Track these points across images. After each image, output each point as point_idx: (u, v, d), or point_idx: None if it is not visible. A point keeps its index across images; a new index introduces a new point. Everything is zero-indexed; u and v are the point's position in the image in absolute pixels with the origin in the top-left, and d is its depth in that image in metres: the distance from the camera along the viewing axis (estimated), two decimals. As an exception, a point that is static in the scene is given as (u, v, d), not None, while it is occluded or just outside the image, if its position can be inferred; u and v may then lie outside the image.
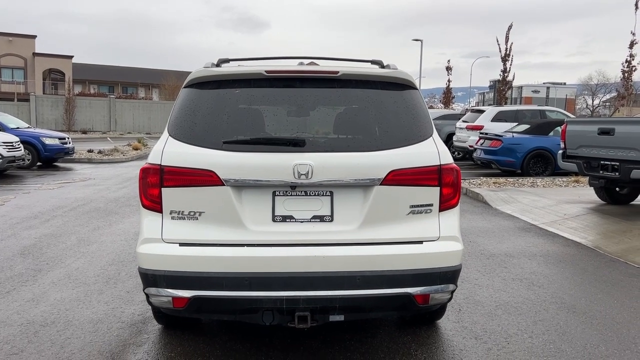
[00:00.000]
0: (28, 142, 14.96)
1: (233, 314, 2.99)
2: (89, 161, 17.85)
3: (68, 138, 16.78)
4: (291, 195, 2.90)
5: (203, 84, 3.09)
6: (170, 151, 2.90)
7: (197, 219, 2.87)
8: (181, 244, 2.87)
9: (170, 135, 2.99)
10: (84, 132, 37.19)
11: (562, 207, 8.72)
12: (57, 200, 9.46)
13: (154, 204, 2.92)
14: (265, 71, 3.02)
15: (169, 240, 2.88)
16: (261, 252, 2.83)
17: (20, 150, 13.50)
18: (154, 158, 2.92)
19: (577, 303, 4.39)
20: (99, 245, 6.23)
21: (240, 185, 2.85)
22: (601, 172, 7.83)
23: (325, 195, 2.91)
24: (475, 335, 3.71)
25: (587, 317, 4.09)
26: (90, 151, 19.57)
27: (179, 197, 2.88)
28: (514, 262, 5.65)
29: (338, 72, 3.04)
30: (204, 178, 2.84)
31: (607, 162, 7.66)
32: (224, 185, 2.83)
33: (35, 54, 47.39)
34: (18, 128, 15.87)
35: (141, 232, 2.96)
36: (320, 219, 2.90)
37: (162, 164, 2.88)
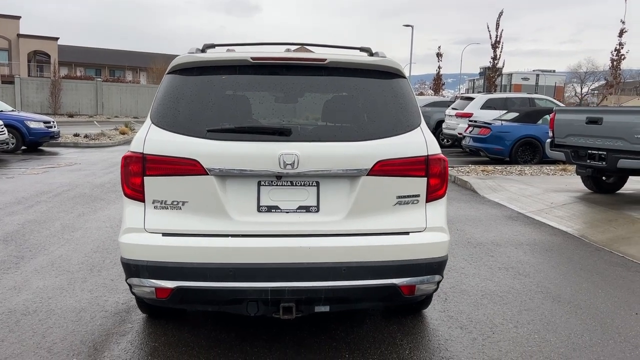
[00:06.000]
0: (12, 126, 14.71)
1: (217, 305, 2.96)
2: (75, 145, 17.61)
3: (53, 122, 16.54)
4: (277, 185, 2.86)
5: (187, 70, 3.01)
6: (153, 139, 2.84)
7: (180, 208, 2.82)
8: (164, 234, 2.82)
9: (153, 122, 2.92)
10: (71, 116, 36.69)
11: (549, 195, 8.76)
12: (42, 186, 9.33)
13: (136, 192, 2.86)
14: (251, 58, 2.95)
15: (152, 230, 2.83)
16: (246, 243, 2.79)
17: (4, 134, 13.28)
18: (136, 146, 2.85)
19: (562, 292, 4.42)
20: (84, 232, 6.15)
21: (225, 175, 2.80)
22: (588, 161, 7.86)
23: (312, 186, 2.87)
24: (460, 325, 3.72)
25: (572, 306, 4.11)
26: (76, 135, 19.29)
27: (161, 186, 2.82)
28: (501, 251, 5.67)
29: (325, 59, 2.98)
30: (187, 167, 2.78)
31: (594, 152, 7.69)
32: (207, 174, 2.78)
33: (19, 35, 46.56)
34: (2, 111, 15.58)
35: (123, 222, 2.91)
36: (306, 209, 2.86)
37: (145, 152, 2.82)
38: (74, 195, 8.47)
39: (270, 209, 2.85)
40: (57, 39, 48.97)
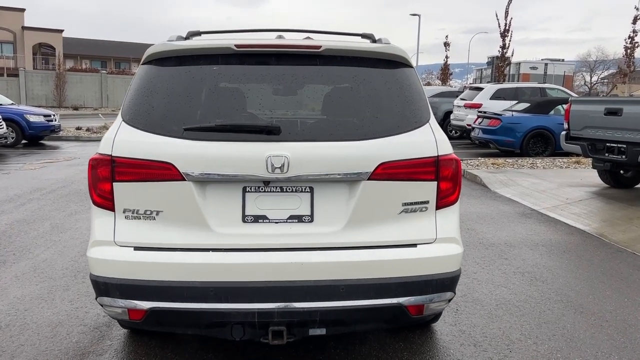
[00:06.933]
0: (11, 120, 14.44)
1: (198, 328, 2.61)
2: (77, 139, 17.36)
3: (54, 115, 16.23)
4: (264, 191, 2.49)
5: (163, 60, 2.65)
6: (123, 140, 2.49)
7: (154, 219, 2.47)
8: (136, 248, 2.47)
9: (124, 120, 2.57)
10: (76, 109, 36.42)
11: (563, 190, 8.35)
12: (37, 182, 9.03)
13: (105, 200, 2.51)
14: (235, 45, 2.58)
15: (123, 243, 2.48)
16: (229, 258, 2.44)
17: (2, 128, 13.00)
18: (104, 147, 2.50)
19: (584, 302, 4.04)
20: (73, 233, 5.83)
21: (204, 180, 2.44)
22: (607, 154, 7.44)
23: (304, 192, 2.51)
24: (474, 342, 3.35)
25: (597, 318, 3.74)
26: (78, 129, 19.06)
27: (133, 194, 2.47)
28: (515, 253, 5.29)
29: (320, 46, 2.61)
30: (161, 172, 2.43)
31: (613, 145, 7.26)
32: (184, 180, 2.42)
33: (24, 28, 46.20)
34: (1, 105, 15.30)
35: (92, 233, 2.56)
36: (299, 219, 2.50)
37: (113, 155, 2.46)
38: (69, 192, 8.16)
39: (257, 219, 2.49)
40: (61, 31, 48.59)
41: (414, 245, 2.56)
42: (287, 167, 2.41)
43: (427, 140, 2.58)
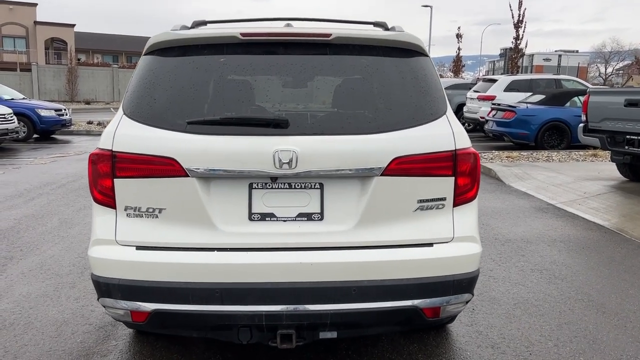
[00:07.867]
0: (23, 114, 14.47)
1: (203, 331, 2.51)
2: (88, 133, 17.39)
3: (65, 109, 16.26)
4: (272, 188, 2.37)
5: (166, 50, 2.53)
6: (124, 134, 2.38)
7: (156, 217, 2.36)
8: (138, 247, 2.36)
9: (125, 113, 2.46)
10: (87, 103, 36.65)
11: (581, 184, 8.14)
12: (47, 177, 9.01)
13: (106, 197, 2.41)
14: (241, 34, 2.45)
15: (124, 242, 2.38)
16: (235, 258, 2.32)
17: (14, 122, 13.01)
18: (104, 142, 2.39)
19: (606, 301, 3.88)
20: (81, 228, 5.76)
21: (209, 177, 2.33)
22: (627, 147, 7.22)
23: (314, 188, 2.38)
24: (491, 343, 3.22)
25: (620, 319, 3.58)
26: (89, 123, 19.11)
27: (134, 190, 2.36)
28: (532, 249, 5.13)
29: (330, 35, 2.47)
30: (164, 167, 2.31)
31: (633, 137, 7.04)
32: (188, 176, 2.31)
33: (36, 23, 46.51)
34: (12, 99, 15.35)
35: (92, 232, 2.46)
36: (308, 217, 2.38)
37: (114, 150, 2.36)
38: (78, 187, 8.12)
39: (265, 217, 2.37)
40: (73, 25, 48.82)
41: (430, 244, 2.43)
42: (296, 162, 2.28)
43: (444, 133, 2.44)
